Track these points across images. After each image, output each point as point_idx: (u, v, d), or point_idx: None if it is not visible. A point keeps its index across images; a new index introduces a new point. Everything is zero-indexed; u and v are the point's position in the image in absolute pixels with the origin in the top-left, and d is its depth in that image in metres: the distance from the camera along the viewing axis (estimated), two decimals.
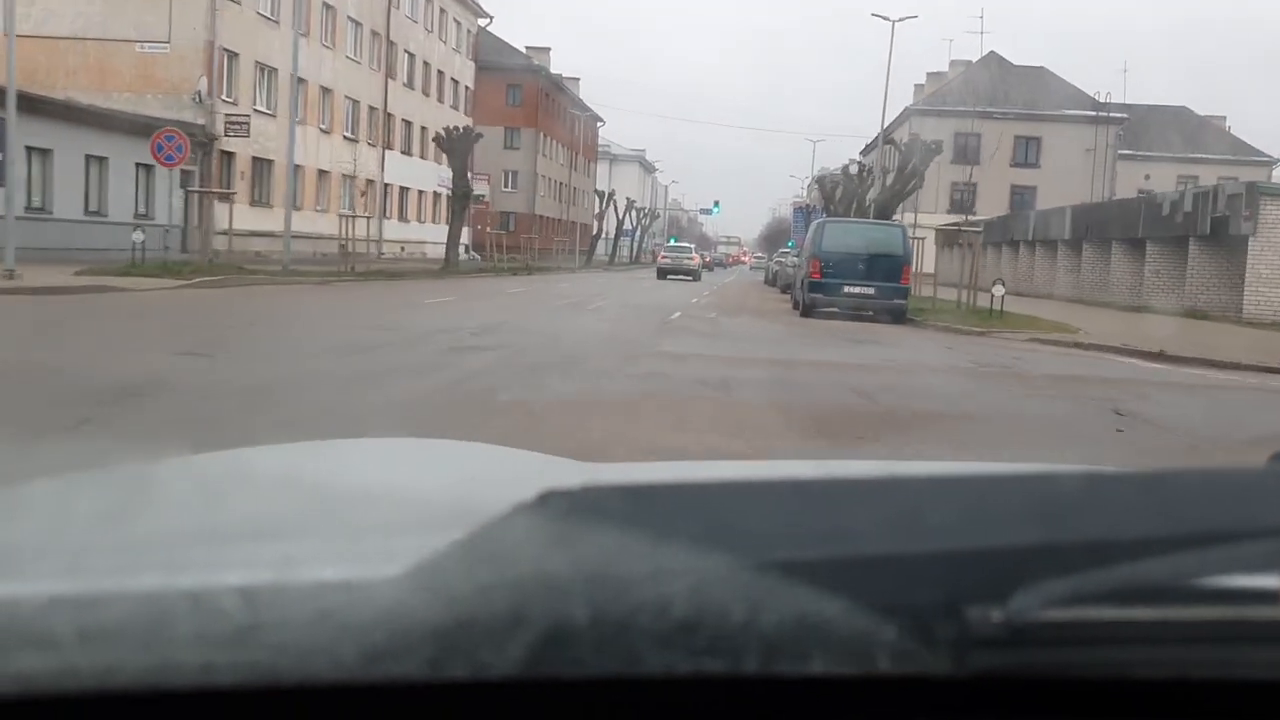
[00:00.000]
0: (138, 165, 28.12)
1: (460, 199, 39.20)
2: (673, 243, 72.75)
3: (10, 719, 0.66)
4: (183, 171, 31.51)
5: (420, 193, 52.79)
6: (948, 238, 35.78)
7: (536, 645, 0.65)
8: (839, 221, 28.35)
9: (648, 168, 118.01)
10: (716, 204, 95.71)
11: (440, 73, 56.76)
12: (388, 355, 11.59)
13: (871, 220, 32.16)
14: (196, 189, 28.79)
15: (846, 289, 23.00)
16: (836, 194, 41.39)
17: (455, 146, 38.75)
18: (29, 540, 0.97)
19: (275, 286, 23.55)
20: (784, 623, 0.67)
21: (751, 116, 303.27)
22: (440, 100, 56.04)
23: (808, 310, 23.52)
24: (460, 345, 12.99)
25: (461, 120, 52.85)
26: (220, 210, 29.85)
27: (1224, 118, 73.94)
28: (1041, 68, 68.80)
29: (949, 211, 62.37)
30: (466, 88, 61.53)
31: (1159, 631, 0.72)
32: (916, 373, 13.24)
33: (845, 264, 23.03)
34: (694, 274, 50.10)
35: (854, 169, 43.04)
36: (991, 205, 60.61)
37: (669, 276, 47.63)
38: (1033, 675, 0.72)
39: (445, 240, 39.81)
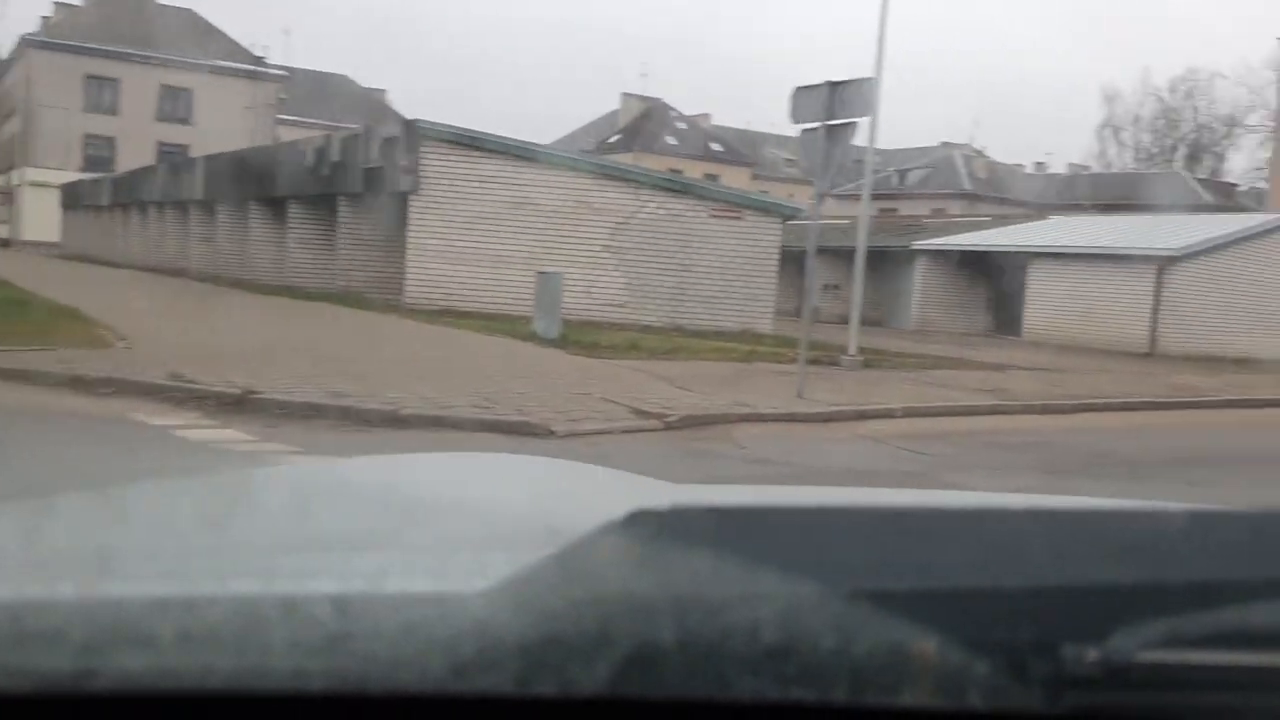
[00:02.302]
0: None
1: None
2: None
3: (109, 713, 0.64)
4: None
5: None
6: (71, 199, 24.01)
7: (624, 665, 0.63)
8: None
9: None
10: None
11: None
12: None
13: None
14: None
15: None
16: None
17: None
18: (132, 543, 0.96)
19: None
20: (875, 653, 0.64)
21: None
22: None
23: None
24: None
25: None
26: None
27: (385, 90, 69.54)
28: (191, 11, 57.66)
29: (83, 169, 49.49)
30: None
31: (1262, 678, 0.68)
32: None
33: None
34: None
35: None
36: (137, 163, 47.99)
37: None
38: (1128, 717, 0.67)
39: None
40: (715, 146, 68.97)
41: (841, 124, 11.15)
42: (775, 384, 12.06)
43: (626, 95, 70.52)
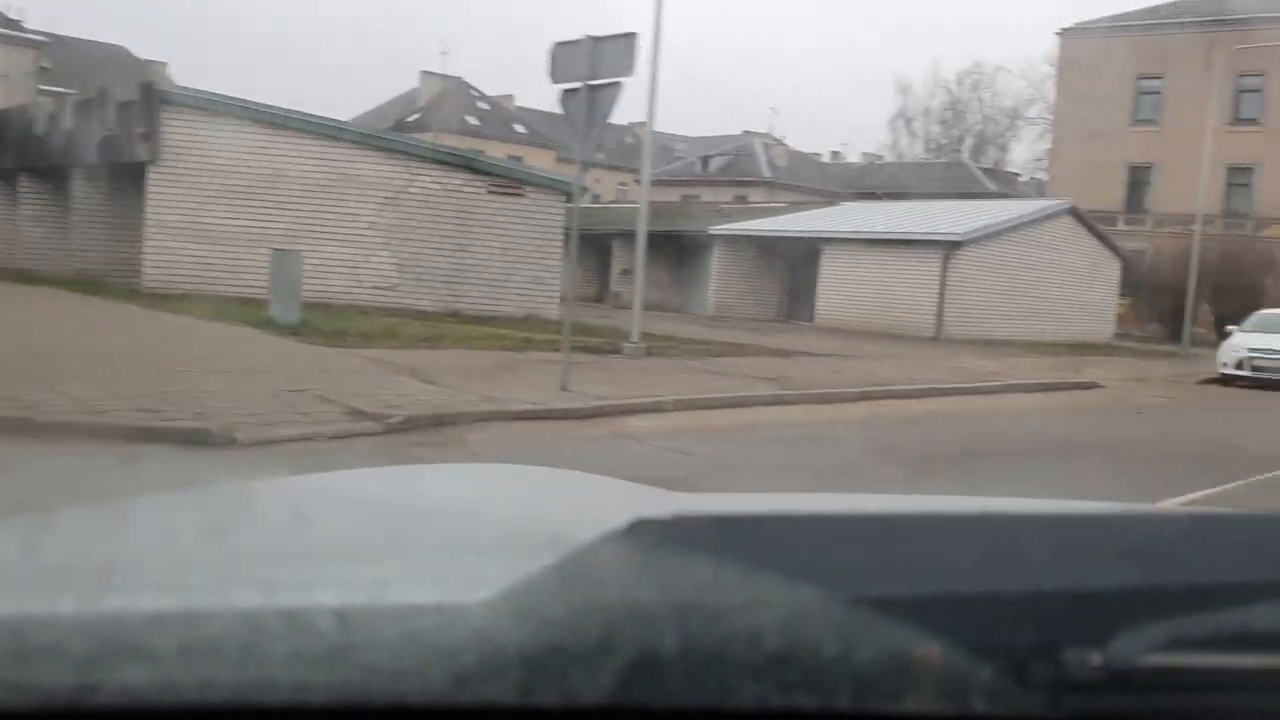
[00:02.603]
0: None
1: None
2: None
3: None
4: None
5: None
6: None
7: (626, 673, 0.63)
8: None
9: None
10: None
11: None
12: None
13: None
14: None
15: None
16: None
17: None
18: (133, 556, 0.95)
19: None
20: (877, 659, 0.64)
21: None
22: None
23: None
24: None
25: None
26: None
27: (165, 64, 64.79)
28: None
29: None
30: None
31: (1264, 680, 0.67)
32: None
33: None
34: None
35: None
36: None
37: None
38: None
39: None
40: (519, 128, 67.24)
41: (604, 84, 9.92)
42: (541, 375, 10.77)
43: (426, 74, 67.88)
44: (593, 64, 9.88)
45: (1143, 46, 38.92)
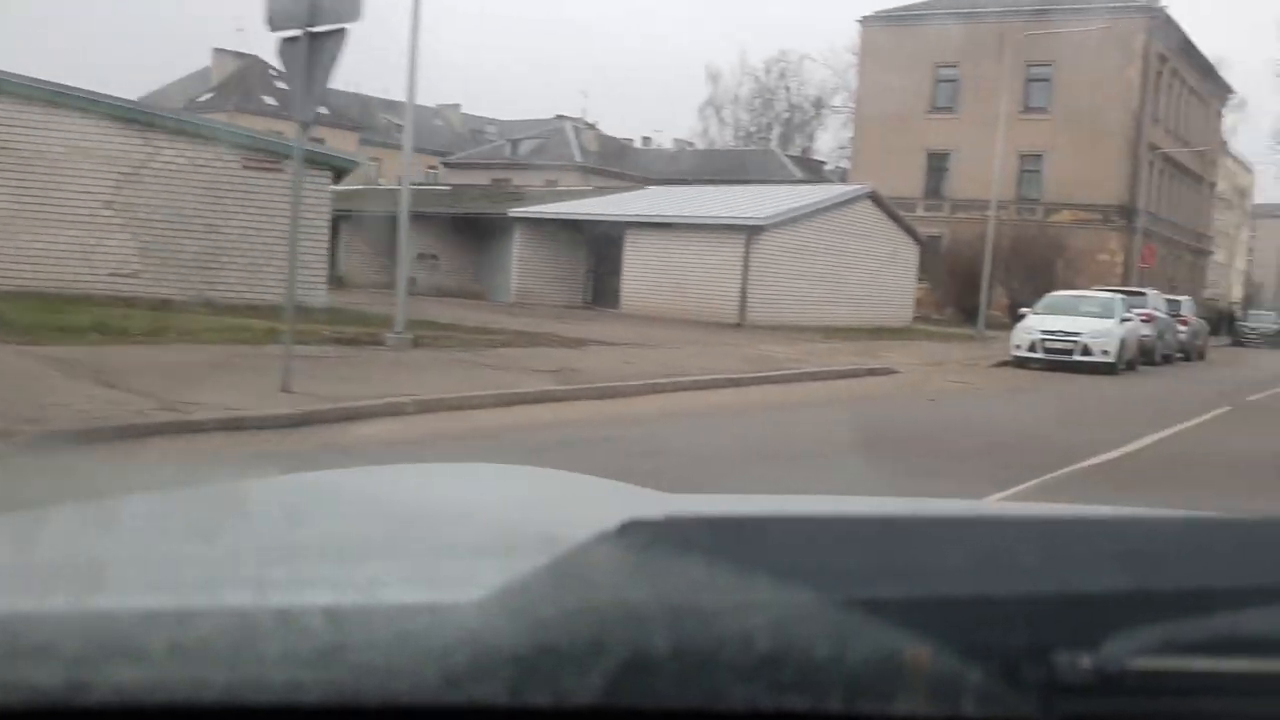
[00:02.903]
0: None
1: None
2: None
3: None
4: None
5: None
6: None
7: (618, 674, 0.63)
8: None
9: None
10: None
11: None
12: None
13: None
14: None
15: None
16: None
17: None
18: (124, 555, 0.94)
19: None
20: (869, 661, 0.64)
21: None
22: None
23: None
24: None
25: None
26: None
27: None
28: None
29: None
30: None
31: (1256, 684, 0.67)
32: None
33: None
34: None
35: None
36: None
37: None
38: None
39: None
40: (321, 109, 63.97)
41: (326, 32, 8.41)
42: (267, 374, 9.17)
43: (219, 51, 63.71)
44: (312, 8, 8.35)
45: (940, 35, 39.51)
